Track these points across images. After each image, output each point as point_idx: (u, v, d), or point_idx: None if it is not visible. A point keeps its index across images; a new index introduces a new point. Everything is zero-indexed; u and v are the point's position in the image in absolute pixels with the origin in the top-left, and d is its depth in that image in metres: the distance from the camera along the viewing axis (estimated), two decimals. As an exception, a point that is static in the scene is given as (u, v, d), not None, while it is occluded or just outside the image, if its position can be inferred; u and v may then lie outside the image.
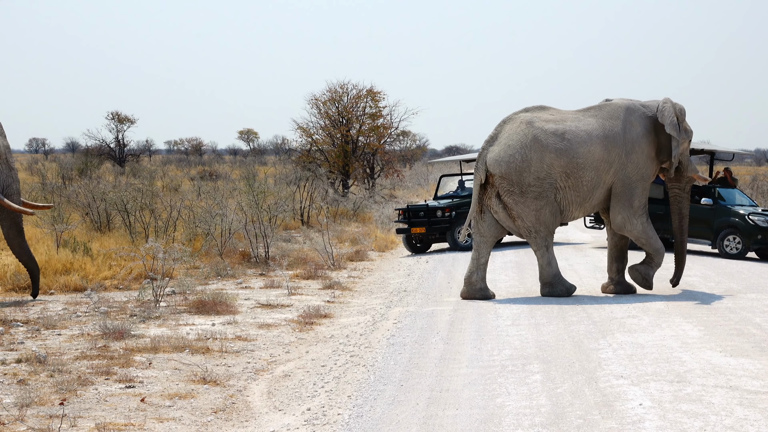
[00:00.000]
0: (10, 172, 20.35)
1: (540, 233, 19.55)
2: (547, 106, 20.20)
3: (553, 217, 19.59)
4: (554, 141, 19.42)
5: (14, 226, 20.41)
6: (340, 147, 48.76)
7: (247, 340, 15.74)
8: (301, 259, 26.24)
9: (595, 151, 19.46)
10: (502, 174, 19.44)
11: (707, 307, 17.70)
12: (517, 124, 19.71)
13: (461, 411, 10.96)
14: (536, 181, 19.35)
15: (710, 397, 11.09)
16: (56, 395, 11.89)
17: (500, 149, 19.54)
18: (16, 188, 20.48)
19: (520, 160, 19.32)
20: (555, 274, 19.60)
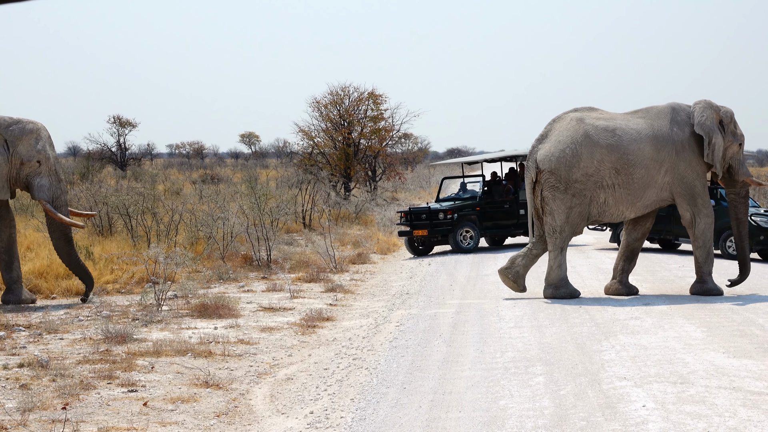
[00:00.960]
0: (59, 184, 20.59)
1: (563, 234, 19.63)
2: (595, 108, 20.35)
3: (580, 220, 19.68)
4: (605, 136, 19.57)
5: (63, 236, 20.72)
6: (342, 150, 48.75)
7: (249, 344, 15.73)
8: (303, 262, 26.24)
9: (645, 149, 19.54)
10: (551, 169, 19.59)
11: (710, 309, 17.68)
12: (567, 121, 19.89)
13: (464, 413, 10.94)
14: (583, 177, 19.45)
15: (713, 399, 11.07)
16: (59, 400, 11.88)
17: (551, 146, 19.72)
18: (65, 200, 20.79)
19: (571, 155, 19.46)
20: (562, 278, 19.62)
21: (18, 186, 20.55)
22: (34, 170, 20.26)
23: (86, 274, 20.72)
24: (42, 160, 20.26)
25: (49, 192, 20.31)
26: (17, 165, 20.21)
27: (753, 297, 19.19)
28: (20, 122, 20.38)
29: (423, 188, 63.60)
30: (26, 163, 20.19)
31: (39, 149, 20.24)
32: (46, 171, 20.33)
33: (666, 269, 23.87)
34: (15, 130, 20.22)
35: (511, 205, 30.60)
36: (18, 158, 20.16)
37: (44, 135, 20.50)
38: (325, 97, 50.08)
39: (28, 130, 20.30)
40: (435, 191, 38.20)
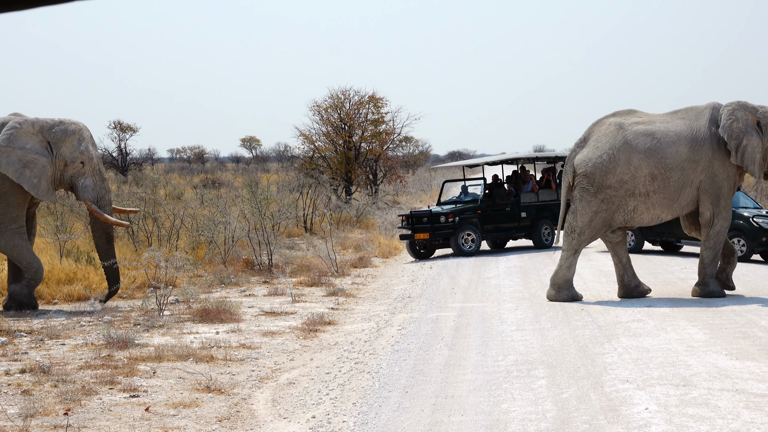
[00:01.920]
0: (102, 183, 20.61)
1: (581, 236, 19.70)
2: (635, 110, 20.44)
3: (602, 226, 19.76)
4: (643, 141, 19.62)
5: (105, 236, 20.80)
6: (343, 153, 48.74)
7: (251, 348, 15.71)
8: (305, 266, 26.23)
9: (682, 151, 19.56)
10: (586, 172, 19.68)
11: (712, 311, 17.66)
12: (607, 126, 19.96)
13: (466, 417, 10.92)
14: (617, 183, 19.52)
15: (716, 401, 11.05)
16: (60, 405, 11.86)
17: (589, 150, 19.82)
18: (109, 199, 20.78)
19: (608, 160, 19.53)
20: (568, 280, 19.65)
21: (62, 187, 20.57)
22: (78, 171, 20.28)
23: (116, 278, 20.70)
24: (85, 161, 20.28)
25: (94, 192, 20.33)
26: (61, 167, 20.21)
27: (755, 299, 19.17)
28: (62, 123, 20.39)
29: (424, 191, 63.59)
30: (70, 164, 20.20)
31: (82, 150, 20.25)
32: (89, 171, 20.34)
33: (668, 271, 23.85)
34: (58, 132, 20.24)
35: (513, 208, 30.60)
36: (62, 160, 20.17)
37: (86, 135, 20.51)
38: (325, 100, 50.10)
39: (70, 131, 20.32)
40: (436, 194, 38.21)
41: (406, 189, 59.59)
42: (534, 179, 31.80)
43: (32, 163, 19.89)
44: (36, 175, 19.88)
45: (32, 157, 19.91)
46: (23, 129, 20.07)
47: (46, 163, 20.04)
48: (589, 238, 19.83)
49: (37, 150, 20.05)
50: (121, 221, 21.13)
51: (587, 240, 19.85)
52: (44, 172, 19.99)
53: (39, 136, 20.18)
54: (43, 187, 19.96)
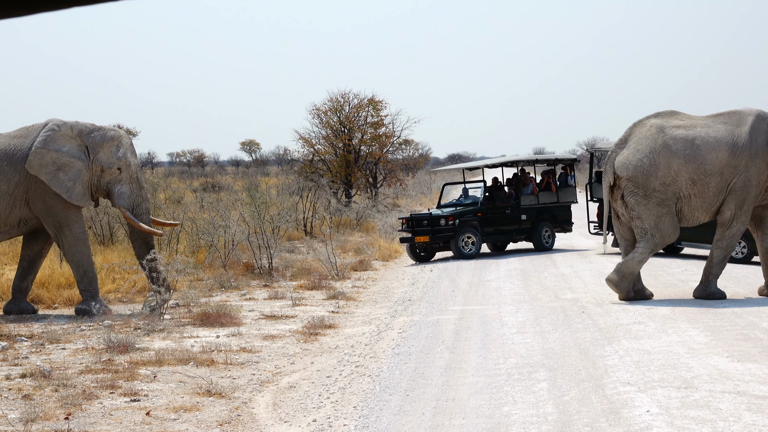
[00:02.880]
0: (140, 192, 20.57)
1: (654, 238, 19.69)
2: (677, 112, 20.46)
3: (672, 230, 19.78)
4: (683, 147, 19.62)
5: (144, 244, 20.73)
6: (342, 156, 48.74)
7: (251, 352, 15.70)
8: (305, 270, 26.22)
9: (722, 158, 19.59)
10: (629, 177, 19.68)
11: (713, 313, 17.65)
12: (647, 128, 19.97)
13: (467, 420, 10.91)
14: (661, 187, 19.54)
15: (718, 403, 11.03)
16: (61, 410, 11.85)
17: (629, 153, 19.80)
18: (146, 207, 20.72)
19: (648, 164, 19.53)
20: (633, 273, 19.66)
21: (99, 193, 20.51)
22: (115, 177, 20.26)
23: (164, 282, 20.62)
24: (123, 167, 20.25)
25: (130, 200, 20.30)
26: (98, 172, 20.19)
27: (757, 301, 19.17)
28: (101, 129, 20.37)
29: (424, 194, 63.59)
30: (107, 170, 20.19)
31: (119, 156, 20.22)
32: (126, 178, 20.31)
33: (669, 273, 23.84)
34: (96, 137, 20.23)
35: (513, 211, 30.59)
36: (98, 165, 20.16)
37: (125, 142, 20.47)
38: (325, 104, 50.13)
39: (109, 137, 20.30)
40: (436, 197, 38.21)
41: (406, 192, 59.59)
42: (534, 182, 31.79)
43: (67, 166, 19.83)
44: (70, 178, 19.82)
45: (67, 160, 19.87)
46: (61, 132, 20.04)
47: (82, 168, 19.99)
48: (660, 241, 19.78)
49: (74, 153, 20.00)
50: (154, 230, 20.96)
51: (659, 242, 19.79)
52: (79, 176, 19.93)
53: (77, 140, 20.15)
54: (78, 191, 19.88)
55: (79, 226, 20.06)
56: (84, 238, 20.08)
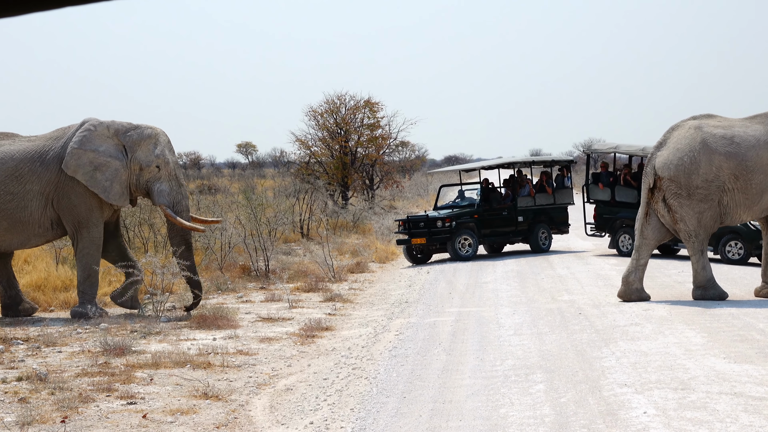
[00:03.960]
0: (180, 189, 20.49)
1: (699, 237, 19.78)
2: (713, 114, 20.59)
3: (713, 222, 19.89)
4: (723, 144, 19.74)
5: (183, 241, 20.65)
6: (339, 158, 48.72)
7: (248, 354, 15.68)
8: (302, 272, 26.20)
9: (763, 156, 19.70)
10: (670, 177, 19.77)
11: (710, 314, 17.65)
12: (686, 129, 20.10)
13: (465, 422, 10.90)
14: (704, 183, 19.62)
15: (715, 404, 11.03)
16: (57, 413, 11.83)
17: (669, 153, 19.91)
18: (186, 205, 20.62)
19: (689, 162, 19.64)
20: (709, 279, 19.75)
21: (138, 192, 20.46)
22: (154, 175, 20.22)
23: (198, 284, 20.67)
24: (161, 165, 20.22)
25: (169, 197, 20.24)
26: (136, 171, 20.17)
27: (753, 302, 19.17)
28: (138, 127, 20.35)
29: (421, 196, 63.55)
30: (145, 168, 20.15)
31: (158, 154, 20.20)
32: (165, 176, 20.27)
33: (665, 275, 23.84)
34: (133, 136, 20.21)
35: (510, 213, 30.58)
36: (137, 164, 20.14)
37: (163, 140, 20.45)
38: (321, 105, 50.08)
39: (146, 135, 20.28)
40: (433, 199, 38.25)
41: (402, 194, 59.58)
42: (531, 183, 31.78)
43: (104, 165, 19.84)
44: (108, 178, 19.82)
45: (104, 160, 19.87)
46: (98, 131, 20.03)
47: (120, 167, 19.98)
48: (704, 237, 19.92)
49: (111, 153, 20.00)
50: (197, 227, 20.96)
51: (705, 239, 19.95)
52: (117, 176, 19.92)
53: (114, 140, 20.14)
54: (116, 190, 19.89)
55: (98, 230, 20.07)
56: (99, 243, 20.08)
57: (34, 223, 19.81)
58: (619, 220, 28.83)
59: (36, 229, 19.92)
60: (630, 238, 28.52)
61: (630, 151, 29.53)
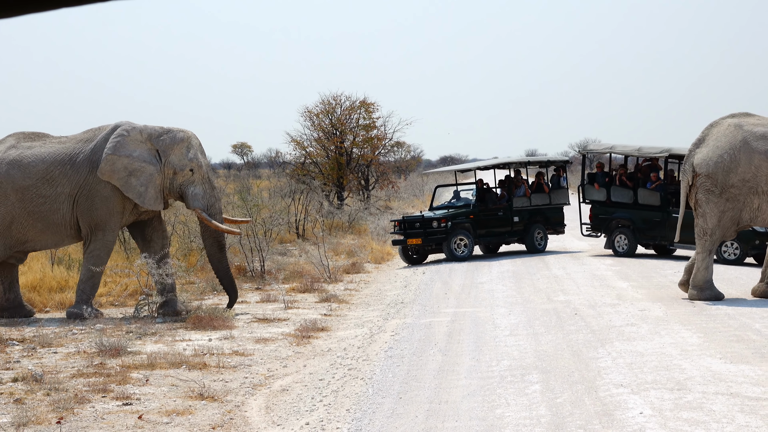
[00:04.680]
0: (212, 191, 20.55)
1: (713, 237, 19.85)
2: (751, 113, 20.64)
3: (731, 224, 19.95)
4: (763, 144, 19.76)
5: (216, 243, 20.80)
6: (334, 159, 48.67)
7: (244, 355, 15.67)
8: (297, 273, 26.19)
9: None
10: (708, 173, 19.83)
11: (706, 314, 17.65)
12: (725, 127, 20.14)
13: (461, 423, 10.89)
14: (740, 183, 19.70)
15: (711, 405, 11.03)
16: (53, 414, 11.81)
17: (708, 150, 19.96)
18: (219, 207, 20.75)
19: (729, 160, 19.71)
20: (708, 280, 19.78)
21: (171, 196, 20.50)
22: (188, 179, 20.25)
23: (232, 284, 20.74)
24: (195, 169, 20.25)
25: (204, 200, 20.29)
26: (170, 175, 20.19)
27: (749, 302, 19.18)
28: (171, 131, 20.37)
29: (416, 197, 63.54)
30: (179, 172, 20.18)
31: (191, 158, 20.23)
32: (199, 179, 20.30)
33: (661, 275, 23.84)
34: (166, 140, 20.24)
35: (505, 213, 30.57)
36: (170, 168, 20.16)
37: (195, 143, 20.47)
38: (316, 106, 50.00)
39: (179, 138, 20.30)
40: (428, 199, 38.19)
41: (398, 194, 59.55)
42: (526, 183, 31.76)
43: (139, 171, 19.86)
44: (142, 183, 19.84)
45: (139, 165, 19.89)
46: (131, 137, 20.04)
47: (154, 171, 20.00)
48: (720, 237, 20.03)
49: (145, 158, 20.02)
50: (232, 229, 21.09)
51: (719, 239, 20.07)
52: (152, 180, 19.94)
53: (147, 144, 20.16)
54: (150, 195, 19.90)
55: (113, 235, 20.16)
56: (110, 248, 20.16)
57: (66, 225, 19.96)
58: (615, 221, 28.83)
59: (68, 231, 20.09)
60: (625, 238, 28.52)
61: (626, 152, 29.53)
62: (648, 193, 28.18)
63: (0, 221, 19.80)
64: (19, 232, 19.90)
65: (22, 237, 19.98)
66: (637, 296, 20.22)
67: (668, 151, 28.01)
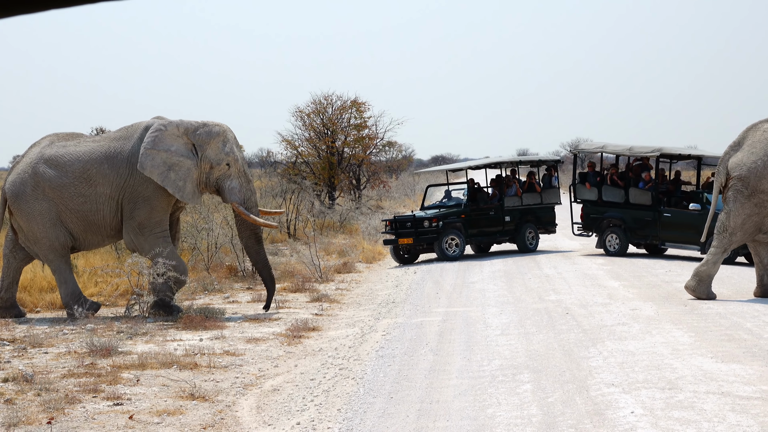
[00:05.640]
0: (248, 185, 20.60)
1: (732, 236, 19.86)
2: None
3: (753, 229, 19.95)
4: None
5: (253, 236, 20.85)
6: (326, 159, 48.62)
7: (235, 355, 15.65)
8: (289, 272, 26.17)
9: None
10: (740, 176, 19.86)
11: (697, 313, 17.67)
12: (762, 132, 20.19)
13: (452, 422, 10.89)
14: None
15: (702, 404, 11.03)
16: (44, 414, 11.79)
17: (744, 155, 20.01)
18: (255, 201, 20.79)
19: (762, 166, 19.75)
20: (710, 276, 19.81)
21: (207, 190, 20.56)
22: (224, 173, 20.29)
23: (271, 278, 20.76)
24: (231, 163, 20.27)
25: (240, 194, 20.32)
26: (206, 169, 20.22)
27: (740, 301, 19.18)
28: (206, 125, 20.38)
29: (408, 196, 63.54)
30: (215, 166, 20.22)
31: (227, 152, 20.24)
32: (235, 173, 20.34)
33: (653, 274, 23.86)
34: (202, 134, 20.25)
35: (497, 212, 30.55)
36: (207, 162, 20.19)
37: (230, 137, 20.49)
38: (308, 106, 49.93)
39: (215, 132, 20.31)
40: (420, 199, 38.17)
41: (389, 194, 59.52)
42: (518, 183, 31.75)
43: (177, 165, 19.87)
44: (181, 177, 19.85)
45: (177, 160, 19.91)
46: (168, 131, 20.05)
47: (192, 166, 20.03)
48: (740, 240, 20.06)
49: (182, 152, 20.03)
50: (269, 222, 21.19)
51: (738, 242, 20.11)
52: (189, 175, 19.97)
53: (184, 138, 20.18)
54: (189, 189, 19.94)
55: (160, 227, 20.11)
56: (165, 236, 20.13)
57: (107, 226, 20.05)
58: (606, 220, 28.83)
59: (109, 231, 20.20)
60: (617, 237, 28.53)
61: (617, 151, 29.55)
62: (639, 193, 28.19)
63: (46, 216, 19.87)
64: (68, 225, 20.02)
65: (72, 231, 20.07)
66: (628, 295, 20.23)
67: (659, 150, 28.02)
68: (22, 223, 20.12)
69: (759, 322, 16.63)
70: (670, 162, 30.32)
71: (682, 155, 29.02)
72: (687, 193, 28.03)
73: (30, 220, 19.91)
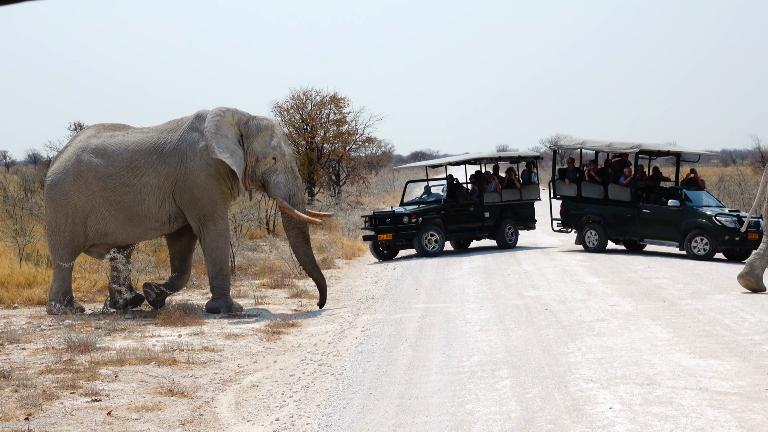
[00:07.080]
0: (295, 181, 20.41)
1: None
2: None
3: None
4: None
5: (300, 234, 20.68)
6: (305, 154, 48.54)
7: (214, 351, 15.63)
8: (268, 268, 26.15)
9: None
10: None
11: (676, 309, 17.71)
12: None
13: (431, 418, 10.89)
14: None
15: (680, 399, 11.07)
16: (21, 410, 11.75)
17: None
18: (302, 197, 20.60)
19: None
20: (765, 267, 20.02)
21: (253, 184, 20.39)
22: (270, 167, 20.15)
23: (321, 276, 20.66)
24: (278, 157, 20.13)
25: (286, 189, 20.17)
26: (252, 162, 20.10)
27: (718, 298, 19.23)
28: (255, 118, 20.33)
29: (387, 192, 63.54)
30: (261, 159, 20.09)
31: (274, 145, 20.13)
32: (282, 168, 20.19)
33: (632, 270, 23.90)
34: (251, 127, 20.18)
35: (476, 208, 30.56)
36: (253, 155, 20.08)
37: (279, 132, 20.39)
38: (287, 101, 49.81)
39: (263, 126, 20.24)
40: (399, 195, 38.19)
41: (369, 190, 59.52)
42: (497, 179, 31.76)
43: (234, 152, 19.82)
44: (237, 164, 19.76)
45: (234, 147, 19.87)
46: (226, 118, 20.01)
47: (241, 156, 19.96)
48: None
49: (235, 141, 19.99)
50: (314, 219, 20.99)
51: None
52: (240, 165, 19.88)
53: (235, 128, 20.15)
54: (240, 177, 19.87)
55: (224, 222, 20.10)
56: (226, 235, 20.13)
57: (151, 217, 19.78)
58: (586, 216, 28.87)
59: (153, 223, 19.91)
60: (596, 234, 28.57)
61: (596, 147, 29.61)
62: (618, 189, 28.25)
63: (77, 212, 19.64)
64: (98, 223, 19.71)
65: (102, 229, 19.78)
66: (607, 291, 20.27)
67: (638, 146, 28.07)
68: (48, 211, 19.98)
69: (737, 318, 16.68)
70: (649, 158, 30.39)
71: (661, 152, 29.05)
72: (666, 189, 28.08)
73: (58, 210, 19.67)
